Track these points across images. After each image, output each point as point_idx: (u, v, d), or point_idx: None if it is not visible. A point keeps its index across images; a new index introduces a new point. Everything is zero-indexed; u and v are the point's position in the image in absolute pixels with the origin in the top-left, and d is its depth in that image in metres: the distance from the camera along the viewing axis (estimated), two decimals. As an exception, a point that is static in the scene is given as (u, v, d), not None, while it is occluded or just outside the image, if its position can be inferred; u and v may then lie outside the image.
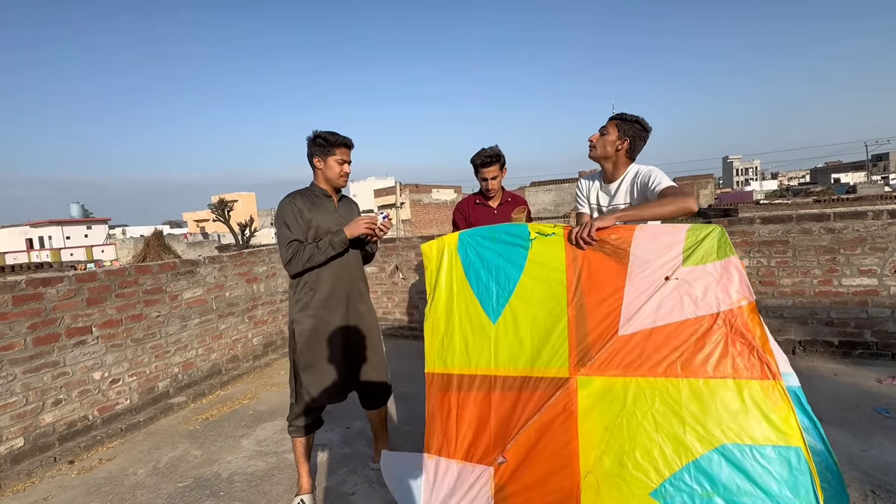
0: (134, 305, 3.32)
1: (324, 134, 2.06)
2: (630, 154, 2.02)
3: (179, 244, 30.94)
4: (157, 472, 2.62)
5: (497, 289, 1.77)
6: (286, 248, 1.99)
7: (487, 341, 1.75)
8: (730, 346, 1.39)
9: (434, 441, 1.78)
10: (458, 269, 1.86)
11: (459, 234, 1.89)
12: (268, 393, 3.72)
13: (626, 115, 2.01)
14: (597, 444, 1.49)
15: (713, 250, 1.48)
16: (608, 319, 1.56)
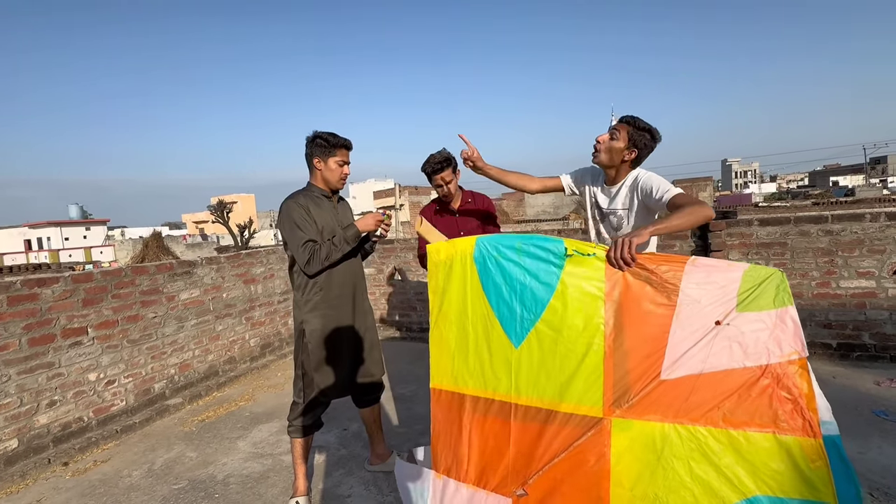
0: (130, 306, 3.31)
1: (324, 135, 2.05)
2: (635, 163, 1.94)
3: (178, 245, 30.90)
4: (151, 473, 2.60)
5: (522, 310, 1.60)
6: (302, 248, 1.97)
7: (508, 366, 1.62)
8: (774, 400, 1.34)
9: (442, 460, 1.71)
10: (473, 281, 1.68)
11: (477, 240, 1.69)
12: (264, 394, 3.70)
13: (640, 122, 1.87)
14: (630, 487, 1.45)
15: (770, 298, 1.37)
16: (650, 360, 1.45)
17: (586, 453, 1.50)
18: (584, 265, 1.54)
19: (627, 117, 1.91)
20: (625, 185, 1.97)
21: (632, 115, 1.91)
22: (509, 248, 1.64)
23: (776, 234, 3.60)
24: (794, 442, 1.31)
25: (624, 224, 1.97)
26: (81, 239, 45.94)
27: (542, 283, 1.58)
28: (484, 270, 1.66)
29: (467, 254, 1.70)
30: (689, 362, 1.41)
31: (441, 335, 1.72)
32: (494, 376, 1.64)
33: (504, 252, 1.65)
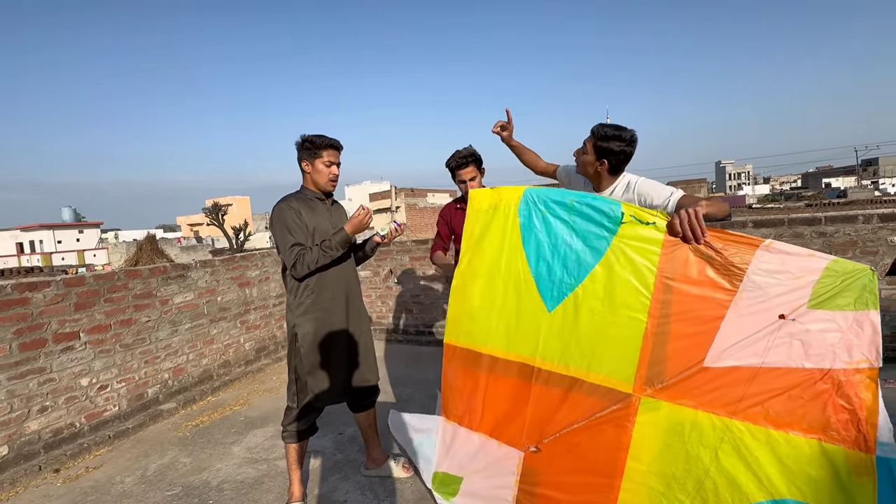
0: (123, 310, 3.27)
1: (311, 137, 2.04)
2: (612, 171, 1.88)
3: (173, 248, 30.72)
4: (144, 480, 2.57)
5: (563, 273, 1.50)
6: (289, 252, 1.95)
7: (536, 329, 1.56)
8: (828, 407, 1.25)
9: (453, 409, 1.72)
10: (513, 235, 1.57)
11: (525, 191, 1.58)
12: (259, 399, 3.67)
13: (604, 132, 1.81)
14: (647, 463, 1.46)
15: (852, 297, 1.23)
16: (695, 345, 1.38)
17: (608, 424, 1.49)
18: (640, 234, 1.43)
19: (594, 128, 1.88)
20: (615, 193, 1.93)
21: (600, 124, 1.88)
22: (560, 204, 1.52)
23: (770, 236, 3.61)
24: (840, 452, 1.24)
25: None
26: (74, 242, 45.54)
27: (589, 246, 1.47)
28: (528, 225, 1.55)
29: (512, 204, 1.59)
30: (739, 353, 1.33)
31: (464, 290, 1.64)
32: (521, 338, 1.58)
33: (553, 208, 1.53)
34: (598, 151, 1.85)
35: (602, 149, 1.83)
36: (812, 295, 1.27)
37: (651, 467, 1.45)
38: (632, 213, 1.46)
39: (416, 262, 4.89)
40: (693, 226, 1.37)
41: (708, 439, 1.37)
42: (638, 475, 1.47)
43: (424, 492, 2.25)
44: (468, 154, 2.44)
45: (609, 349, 1.48)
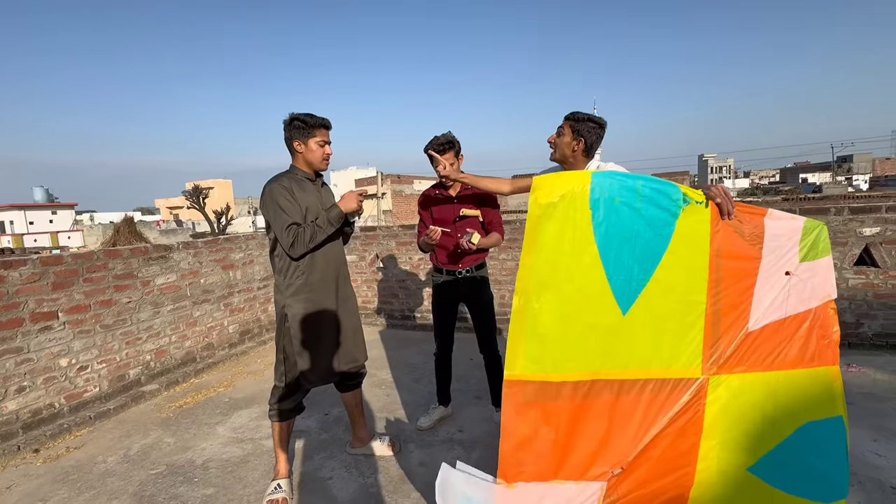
0: (103, 290, 3.21)
1: (301, 116, 2.02)
2: (587, 153, 2.02)
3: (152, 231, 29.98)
4: (127, 459, 2.56)
5: (636, 268, 1.37)
6: (286, 232, 1.95)
7: (613, 338, 1.40)
8: (813, 339, 1.51)
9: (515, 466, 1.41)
10: (584, 231, 1.35)
11: (593, 175, 1.37)
12: (244, 381, 3.67)
13: (579, 115, 1.99)
14: (717, 438, 1.52)
15: (819, 247, 1.49)
16: (740, 313, 1.47)
17: (683, 416, 1.49)
18: (694, 215, 1.41)
19: (568, 114, 2.04)
20: None
21: (573, 111, 2.04)
22: (629, 189, 1.37)
23: (747, 226, 3.74)
24: (825, 372, 1.52)
25: None
26: (47, 223, 44.03)
27: (658, 234, 1.38)
28: (600, 218, 1.35)
29: (580, 195, 1.35)
30: (770, 312, 1.49)
31: (529, 309, 1.37)
32: (599, 352, 1.40)
33: (626, 193, 1.37)
34: (575, 131, 1.99)
35: (578, 129, 1.99)
36: (800, 250, 1.49)
37: (717, 439, 1.52)
38: (686, 193, 1.42)
39: (403, 247, 4.89)
40: (730, 200, 1.46)
41: (756, 396, 1.51)
42: (711, 452, 1.51)
43: (409, 470, 2.31)
44: (446, 141, 2.40)
45: (679, 339, 1.45)
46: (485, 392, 3.16)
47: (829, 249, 1.51)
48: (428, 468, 2.31)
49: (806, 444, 1.52)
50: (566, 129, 2.02)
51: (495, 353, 2.64)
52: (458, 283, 2.56)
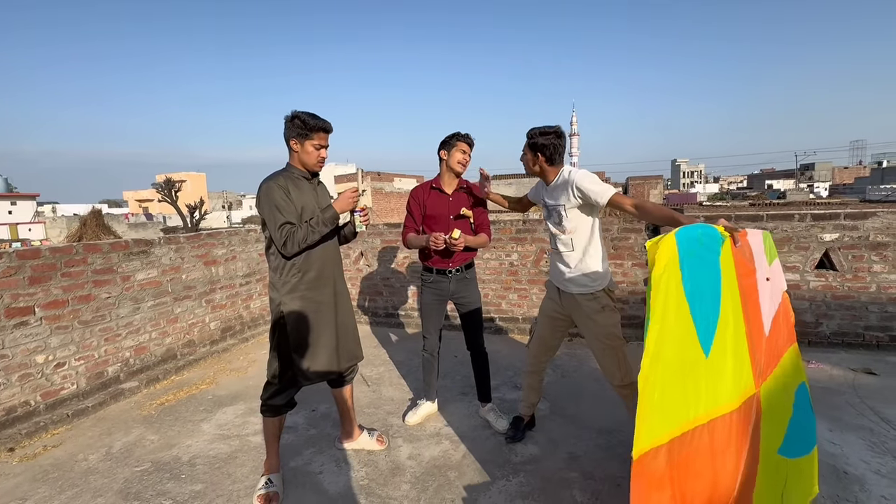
0: (82, 286, 3.13)
1: (303, 116, 2.03)
2: (550, 162, 2.17)
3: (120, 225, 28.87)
4: (110, 457, 2.53)
5: (710, 311, 1.45)
6: (279, 231, 1.96)
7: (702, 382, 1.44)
8: (785, 324, 1.79)
9: None
10: (677, 292, 1.40)
11: (677, 234, 1.41)
12: (227, 378, 3.64)
13: (531, 131, 2.16)
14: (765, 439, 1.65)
15: (774, 251, 1.81)
16: (759, 324, 1.66)
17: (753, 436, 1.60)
18: (725, 247, 1.53)
19: (527, 132, 2.21)
20: (557, 185, 2.19)
21: (529, 129, 2.20)
22: (695, 240, 1.45)
23: (719, 230, 3.94)
24: (794, 348, 1.82)
25: (564, 218, 2.16)
26: (6, 214, 41.77)
27: (714, 275, 1.47)
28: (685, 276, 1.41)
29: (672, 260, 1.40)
30: (769, 315, 1.71)
31: (651, 380, 1.34)
32: (695, 399, 1.44)
33: (694, 247, 1.44)
34: (532, 148, 2.18)
35: (534, 145, 2.17)
36: (766, 257, 1.76)
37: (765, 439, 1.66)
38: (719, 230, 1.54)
39: (388, 245, 4.92)
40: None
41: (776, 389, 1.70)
42: (764, 455, 1.64)
43: (398, 463, 2.36)
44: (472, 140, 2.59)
45: (740, 364, 1.56)
46: (470, 388, 3.24)
47: (776, 253, 1.84)
48: (417, 461, 2.37)
49: (799, 410, 1.77)
50: (526, 149, 2.22)
51: (482, 349, 2.72)
52: (448, 283, 2.63)
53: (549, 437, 2.56)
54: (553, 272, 2.31)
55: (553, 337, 2.39)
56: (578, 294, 2.15)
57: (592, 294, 2.13)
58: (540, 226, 4.40)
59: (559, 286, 2.26)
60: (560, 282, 2.24)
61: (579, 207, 2.11)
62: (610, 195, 2.03)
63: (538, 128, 2.16)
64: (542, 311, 2.42)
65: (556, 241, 2.22)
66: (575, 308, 2.19)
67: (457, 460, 2.37)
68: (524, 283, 4.47)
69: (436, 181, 2.64)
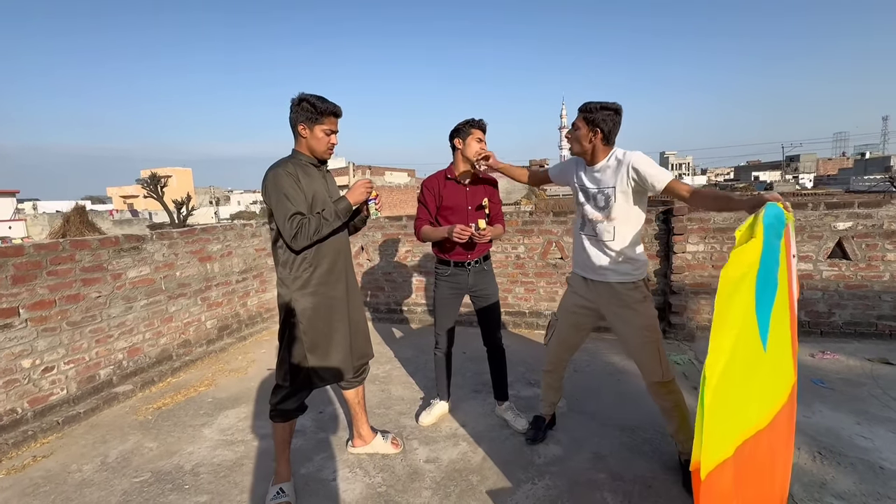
0: (70, 284, 2.94)
1: (312, 99, 1.88)
2: (606, 141, 2.01)
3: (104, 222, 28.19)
4: (106, 467, 2.36)
5: (768, 301, 1.32)
6: (289, 222, 1.81)
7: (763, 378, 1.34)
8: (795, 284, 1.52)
9: None
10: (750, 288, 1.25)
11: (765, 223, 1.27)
12: (226, 379, 3.48)
13: (592, 105, 1.98)
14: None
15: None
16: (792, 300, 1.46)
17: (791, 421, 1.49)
18: (785, 229, 1.37)
19: (581, 106, 2.03)
20: (608, 166, 2.02)
21: (585, 102, 2.01)
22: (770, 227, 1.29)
23: (731, 220, 3.86)
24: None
25: (612, 202, 2.00)
26: (-16, 212, 40.51)
27: (776, 260, 1.32)
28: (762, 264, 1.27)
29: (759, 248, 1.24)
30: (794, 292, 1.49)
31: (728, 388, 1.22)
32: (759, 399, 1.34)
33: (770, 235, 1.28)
34: (590, 122, 1.98)
35: (593, 120, 1.97)
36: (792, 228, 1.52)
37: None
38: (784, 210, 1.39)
39: (389, 238, 4.78)
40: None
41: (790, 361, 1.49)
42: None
43: (416, 467, 2.24)
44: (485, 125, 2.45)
45: (786, 351, 1.43)
46: (482, 385, 3.14)
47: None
48: (436, 465, 2.25)
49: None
50: (580, 123, 2.02)
51: (500, 345, 2.60)
52: (466, 275, 2.50)
53: (572, 435, 2.46)
54: (582, 261, 2.17)
55: (576, 334, 2.27)
56: (619, 283, 2.03)
57: (634, 283, 2.02)
58: (547, 217, 4.28)
59: (590, 276, 2.13)
60: (593, 271, 2.10)
61: (631, 192, 1.98)
62: (668, 181, 1.89)
63: (597, 102, 1.98)
64: (563, 307, 2.31)
65: (594, 227, 2.07)
66: (611, 299, 2.07)
67: (477, 463, 2.26)
68: (531, 277, 4.36)
69: (450, 171, 2.50)
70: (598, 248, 2.08)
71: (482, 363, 3.43)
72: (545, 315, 4.34)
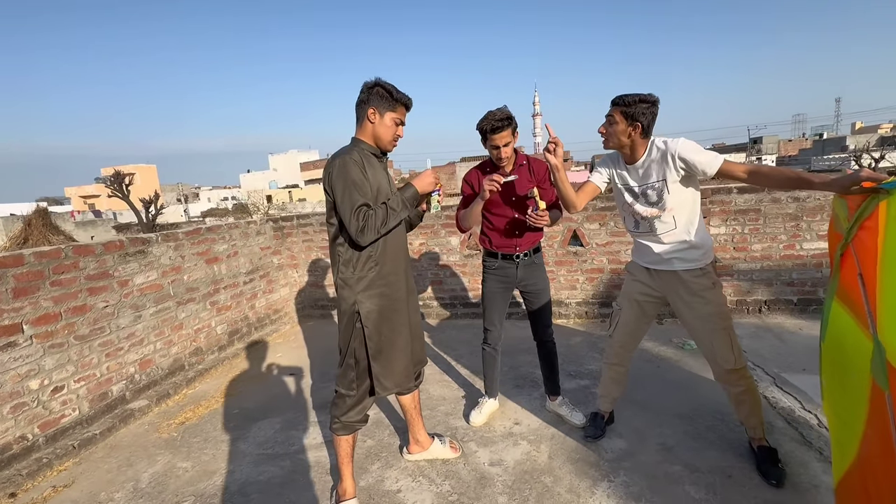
0: (75, 295, 2.67)
1: (387, 85, 1.74)
2: (644, 134, 1.91)
3: (66, 223, 26.60)
4: (140, 493, 2.16)
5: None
6: (355, 214, 1.64)
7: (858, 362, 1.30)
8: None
9: None
10: None
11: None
12: (248, 388, 3.27)
13: (628, 98, 1.86)
14: None
15: None
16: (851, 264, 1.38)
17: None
18: None
19: (616, 99, 1.91)
20: (651, 160, 1.93)
21: (619, 95, 1.91)
22: None
23: (752, 201, 3.87)
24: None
25: (665, 194, 1.91)
26: (-73, 218, 37.62)
27: None
28: None
29: None
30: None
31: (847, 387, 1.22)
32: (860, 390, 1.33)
33: None
34: (628, 117, 1.87)
35: (631, 114, 1.86)
36: None
37: None
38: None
39: (402, 232, 4.60)
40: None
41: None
42: None
43: (482, 472, 2.14)
44: (504, 117, 2.16)
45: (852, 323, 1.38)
46: (522, 380, 3.05)
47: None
48: (502, 468, 2.15)
49: None
50: (618, 117, 1.90)
51: (552, 338, 2.51)
52: (514, 268, 2.38)
53: (631, 427, 2.40)
54: (643, 254, 2.09)
55: (642, 322, 2.20)
56: (685, 271, 1.95)
57: (702, 269, 1.94)
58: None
59: (653, 266, 2.06)
60: (656, 262, 2.03)
61: (681, 180, 1.90)
62: (719, 164, 1.81)
63: (633, 94, 1.87)
64: (625, 296, 2.22)
65: (650, 224, 1.98)
66: (677, 287, 1.99)
67: (545, 463, 2.17)
68: (551, 266, 4.29)
69: (488, 163, 2.37)
70: (659, 242, 2.00)
71: (516, 356, 3.36)
72: (566, 304, 4.29)
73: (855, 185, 1.41)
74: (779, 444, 2.15)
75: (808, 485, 1.88)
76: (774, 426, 2.31)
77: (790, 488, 1.87)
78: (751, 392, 2.01)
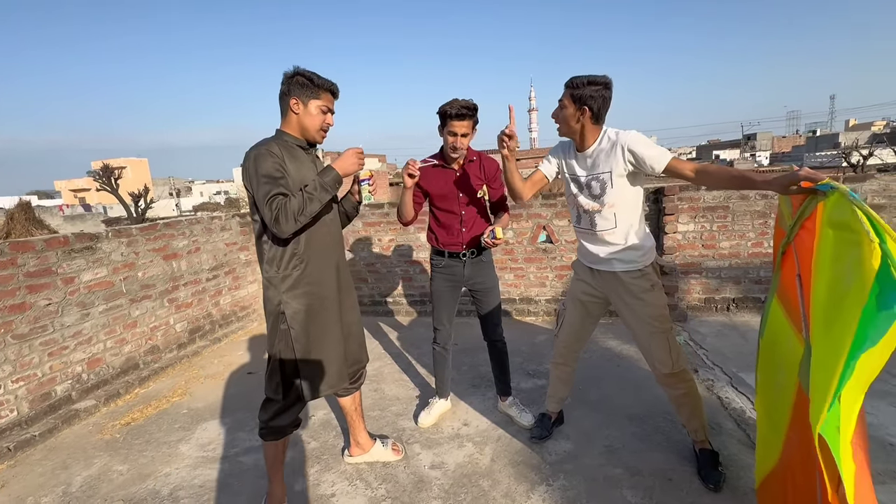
0: (13, 293, 2.59)
1: (307, 73, 1.65)
2: (595, 119, 1.82)
3: (54, 218, 26.30)
4: (69, 497, 2.09)
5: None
6: (267, 205, 1.56)
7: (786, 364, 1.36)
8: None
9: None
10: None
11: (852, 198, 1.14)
12: (202, 387, 3.20)
13: (578, 80, 1.77)
14: None
15: None
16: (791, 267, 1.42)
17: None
18: None
19: (567, 82, 1.82)
20: (601, 149, 1.84)
21: (571, 77, 1.81)
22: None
23: (721, 198, 3.83)
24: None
25: (608, 188, 1.83)
26: (-87, 211, 37.11)
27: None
28: None
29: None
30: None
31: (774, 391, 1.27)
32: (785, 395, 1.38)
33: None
34: (577, 100, 1.78)
35: (580, 97, 1.77)
36: None
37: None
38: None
39: (371, 227, 4.53)
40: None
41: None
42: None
43: (421, 475, 2.09)
44: (470, 106, 2.11)
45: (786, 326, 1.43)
46: (480, 379, 3.00)
47: None
48: (442, 471, 2.10)
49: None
50: (566, 101, 1.81)
51: (502, 338, 2.46)
52: (461, 267, 2.32)
53: (580, 428, 2.36)
54: (584, 253, 2.03)
55: (586, 322, 2.14)
56: (624, 272, 1.89)
57: (641, 271, 1.88)
58: (536, 201, 4.14)
59: (594, 266, 2.00)
60: (596, 262, 1.97)
61: (628, 175, 1.82)
62: (667, 161, 1.73)
63: (583, 76, 1.77)
64: (570, 295, 2.17)
65: (591, 218, 1.91)
66: (617, 288, 1.93)
67: (486, 465, 2.13)
68: (520, 262, 4.24)
69: (437, 156, 2.29)
70: (594, 240, 1.93)
71: (477, 355, 3.31)
72: (535, 301, 4.24)
73: (794, 184, 1.35)
74: (725, 446, 2.11)
75: (748, 489, 1.84)
76: (723, 428, 2.28)
77: (729, 492, 1.84)
78: (691, 395, 1.97)
